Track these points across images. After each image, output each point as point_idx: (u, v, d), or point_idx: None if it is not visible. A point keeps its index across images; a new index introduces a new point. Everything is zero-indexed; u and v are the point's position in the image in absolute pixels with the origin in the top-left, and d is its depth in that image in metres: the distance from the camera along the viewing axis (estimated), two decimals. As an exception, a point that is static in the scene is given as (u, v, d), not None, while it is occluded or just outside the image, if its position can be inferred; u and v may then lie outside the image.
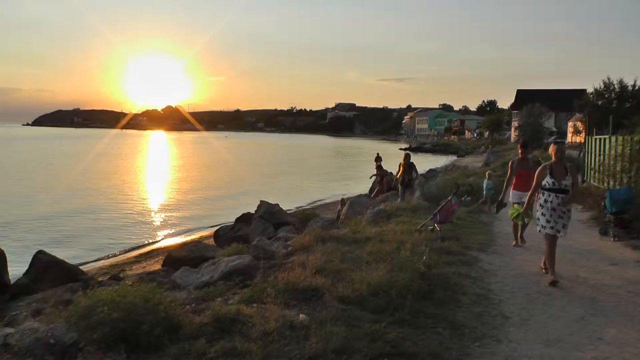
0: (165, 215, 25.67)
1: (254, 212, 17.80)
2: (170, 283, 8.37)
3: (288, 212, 19.87)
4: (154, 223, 23.83)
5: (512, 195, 10.39)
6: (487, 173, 17.23)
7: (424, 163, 48.61)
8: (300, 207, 25.60)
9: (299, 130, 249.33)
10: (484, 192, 15.67)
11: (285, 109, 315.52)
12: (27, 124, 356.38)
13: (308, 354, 4.61)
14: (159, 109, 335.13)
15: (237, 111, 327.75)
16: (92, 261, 16.50)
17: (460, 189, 12.98)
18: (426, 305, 6.15)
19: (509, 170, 10.67)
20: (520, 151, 10.89)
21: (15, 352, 5.16)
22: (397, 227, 11.17)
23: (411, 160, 17.77)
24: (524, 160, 10.62)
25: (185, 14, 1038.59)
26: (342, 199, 21.48)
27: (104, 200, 30.76)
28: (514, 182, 10.43)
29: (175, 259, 12.08)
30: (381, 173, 22.40)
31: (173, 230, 22.01)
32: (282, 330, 5.03)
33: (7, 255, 11.31)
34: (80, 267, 12.78)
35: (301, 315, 5.45)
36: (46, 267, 10.79)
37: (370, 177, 23.89)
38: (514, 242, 10.59)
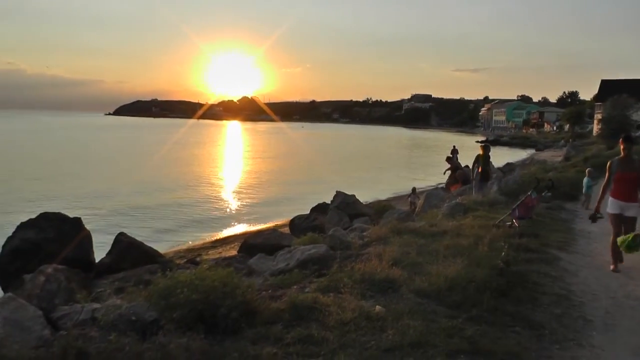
0: (241, 203, 26.20)
1: (329, 202, 17.86)
2: (246, 269, 8.51)
3: (363, 203, 19.81)
4: (229, 210, 24.38)
5: (610, 204, 8.32)
6: (587, 170, 16.39)
7: (501, 156, 47.36)
8: (375, 198, 25.49)
9: (373, 122, 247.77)
10: (584, 190, 14.94)
11: (361, 99, 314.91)
12: (109, 114, 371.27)
13: (384, 346, 4.58)
14: (235, 100, 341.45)
15: (313, 102, 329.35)
16: (169, 245, 17.06)
17: (540, 184, 12.50)
18: (504, 303, 5.96)
19: (607, 172, 8.43)
20: (622, 147, 8.25)
21: (102, 326, 5.43)
22: (474, 221, 10.90)
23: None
24: (628, 161, 8.20)
25: (262, 5, 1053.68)
26: (414, 188, 21.38)
27: (182, 186, 31.68)
28: (612, 188, 8.35)
29: (251, 245, 12.31)
30: (452, 164, 22.03)
31: (249, 218, 22.42)
32: (359, 321, 5.02)
33: (92, 236, 11.88)
34: (158, 250, 13.20)
35: (377, 307, 5.41)
36: (127, 249, 11.22)
37: (444, 173, 23.55)
38: (612, 266, 8.29)
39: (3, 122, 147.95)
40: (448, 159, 22.74)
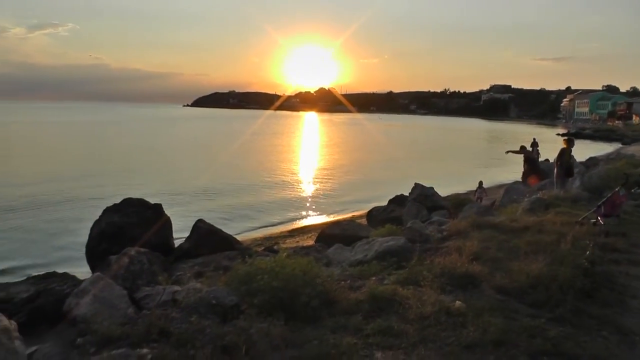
0: (318, 193, 26.37)
1: (407, 194, 17.70)
2: (323, 259, 8.59)
3: (441, 196, 19.50)
4: (307, 200, 24.57)
5: None
6: None
7: (583, 150, 45.32)
8: (453, 191, 25.06)
9: (451, 113, 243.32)
10: None
11: (438, 90, 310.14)
12: (187, 105, 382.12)
13: (465, 342, 4.51)
14: (312, 91, 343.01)
15: (390, 93, 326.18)
16: (247, 232, 17.40)
17: (630, 180, 11.85)
18: (589, 305, 5.70)
19: None
20: None
21: (182, 308, 5.62)
22: (556, 217, 10.50)
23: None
24: None
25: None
26: (480, 182, 20.95)
27: (259, 176, 32.20)
28: None
29: (328, 235, 12.38)
30: (526, 155, 21.37)
31: (326, 208, 22.52)
32: (439, 315, 4.97)
33: (171, 221, 12.26)
34: (236, 237, 13.45)
35: (457, 302, 5.33)
36: (205, 235, 11.48)
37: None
38: None
39: (89, 114, 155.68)
40: (522, 148, 22.04)
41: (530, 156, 21.88)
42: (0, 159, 38.42)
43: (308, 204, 23.44)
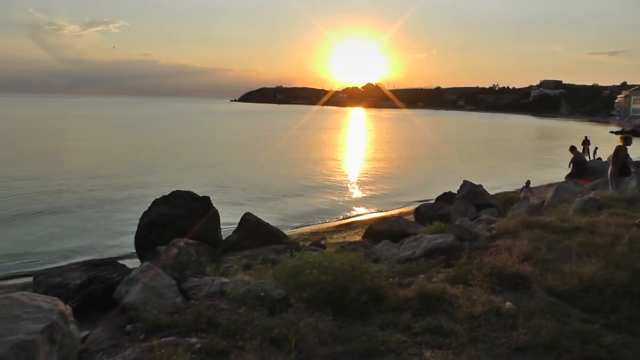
0: (366, 189, 26.24)
1: (455, 191, 17.48)
2: (371, 255, 8.56)
3: (490, 194, 19.16)
4: (354, 196, 24.48)
5: None
6: None
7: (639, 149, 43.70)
8: (502, 189, 24.59)
9: (500, 109, 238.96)
10: None
11: (487, 86, 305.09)
12: (235, 100, 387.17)
13: (515, 345, 4.41)
14: (359, 87, 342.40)
15: (437, 89, 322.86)
16: (294, 226, 17.45)
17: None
18: (649, 312, 5.45)
19: None
20: None
21: (231, 299, 5.70)
22: (610, 219, 10.14)
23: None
24: None
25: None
26: (527, 181, 20.59)
27: (307, 170, 32.28)
28: None
29: (376, 232, 12.35)
30: (575, 156, 20.79)
31: (373, 204, 22.39)
32: (489, 316, 4.87)
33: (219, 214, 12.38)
34: (283, 231, 13.49)
35: (507, 303, 5.22)
36: (252, 228, 11.59)
37: (569, 166, 22.27)
38: None
39: (138, 108, 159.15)
40: (572, 149, 21.44)
41: (578, 159, 21.27)
42: (55, 151, 39.69)
43: (355, 200, 23.34)
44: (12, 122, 78.71)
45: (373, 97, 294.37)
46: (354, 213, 20.52)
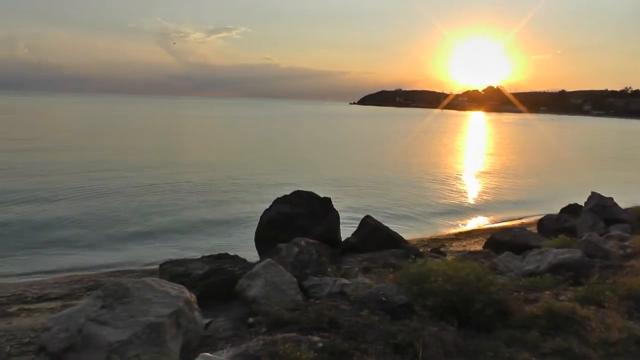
0: (486, 197, 25.38)
1: (581, 203, 16.53)
2: (493, 266, 8.33)
3: (622, 208, 17.92)
4: (474, 203, 23.74)
5: None
6: None
7: None
8: (635, 204, 22.95)
9: (632, 115, 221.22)
10: None
11: (617, 89, 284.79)
12: (354, 103, 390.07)
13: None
14: (480, 90, 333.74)
15: (562, 92, 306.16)
16: (413, 231, 17.14)
17: None
18: None
19: None
20: None
21: (352, 301, 5.75)
22: None
23: None
24: None
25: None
26: None
27: (427, 174, 31.72)
28: None
29: (497, 242, 11.97)
30: None
31: (494, 213, 21.52)
32: (627, 344, 4.57)
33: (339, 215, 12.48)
34: (402, 236, 13.35)
35: (647, 331, 4.89)
36: (372, 231, 11.55)
37: None
38: None
39: (259, 110, 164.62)
40: None
41: None
42: (192, 149, 41.99)
43: (475, 207, 22.61)
44: (143, 121, 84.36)
45: (493, 101, 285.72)
46: (474, 221, 19.93)
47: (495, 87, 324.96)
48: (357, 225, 12.22)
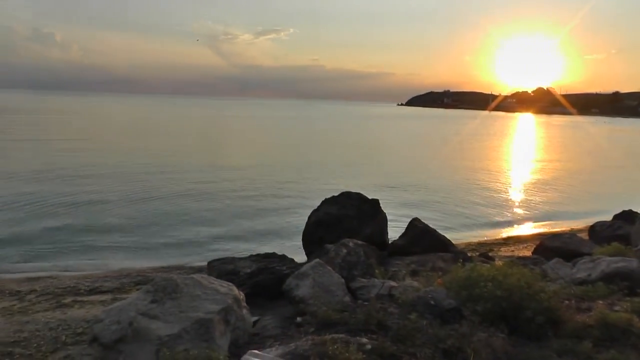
0: (535, 201, 24.78)
1: (637, 210, 16.04)
2: (541, 272, 8.19)
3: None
4: (522, 207, 23.24)
5: None
6: None
7: None
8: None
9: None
10: None
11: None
12: (401, 104, 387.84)
13: None
14: (529, 91, 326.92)
15: (616, 94, 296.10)
16: (460, 235, 16.93)
17: None
18: None
19: None
20: None
21: (400, 304, 5.76)
22: None
23: None
24: None
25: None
26: None
27: (475, 177, 31.25)
28: None
29: (547, 248, 11.75)
30: None
31: (543, 218, 20.94)
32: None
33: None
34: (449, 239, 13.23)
35: None
36: (420, 234, 11.45)
37: None
38: None
39: (305, 110, 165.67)
40: None
41: None
42: (240, 150, 42.61)
43: (524, 212, 22.14)
44: (191, 122, 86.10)
45: (543, 103, 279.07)
46: (522, 226, 19.53)
47: (545, 88, 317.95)
48: (403, 227, 12.16)
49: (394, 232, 12.33)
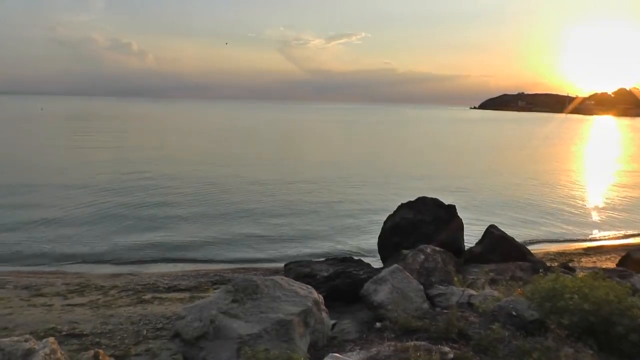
0: (618, 210, 23.53)
1: None
2: (631, 286, 7.85)
3: None
4: (604, 216, 22.24)
5: None
6: None
7: None
8: None
9: None
10: None
11: None
12: (474, 107, 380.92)
13: None
14: (610, 92, 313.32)
15: None
16: (537, 243, 16.52)
17: None
18: None
19: None
20: None
21: (480, 314, 5.68)
22: None
23: None
24: None
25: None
26: None
27: (552, 184, 30.24)
28: None
29: (634, 260, 11.27)
30: None
31: (626, 228, 19.97)
32: None
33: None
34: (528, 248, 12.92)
35: None
36: (497, 242, 11.23)
37: None
38: None
39: (378, 115, 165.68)
40: None
41: None
42: (315, 154, 43.09)
43: (606, 221, 21.13)
44: (267, 126, 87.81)
45: (626, 104, 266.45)
46: (604, 235, 18.66)
47: (627, 89, 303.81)
48: (478, 234, 12.02)
49: (468, 237, 12.18)
